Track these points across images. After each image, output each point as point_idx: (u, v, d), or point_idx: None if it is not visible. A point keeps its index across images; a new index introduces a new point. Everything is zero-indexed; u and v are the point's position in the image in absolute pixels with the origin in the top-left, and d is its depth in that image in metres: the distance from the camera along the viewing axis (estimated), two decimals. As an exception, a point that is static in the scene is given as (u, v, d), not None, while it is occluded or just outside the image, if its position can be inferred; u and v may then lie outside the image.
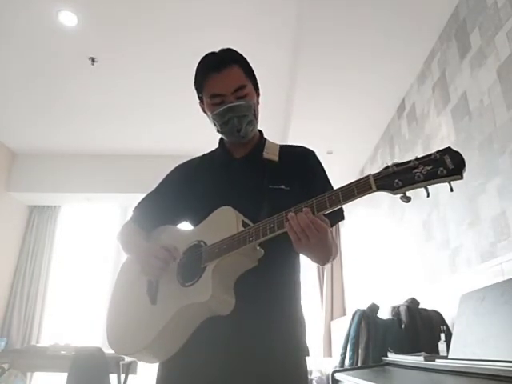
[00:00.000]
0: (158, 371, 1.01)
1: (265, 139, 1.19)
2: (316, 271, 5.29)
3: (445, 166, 0.71)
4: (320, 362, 4.37)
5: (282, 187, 1.05)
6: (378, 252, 3.79)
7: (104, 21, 3.01)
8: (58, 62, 3.42)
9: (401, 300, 2.41)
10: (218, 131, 1.13)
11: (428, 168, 0.73)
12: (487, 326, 1.36)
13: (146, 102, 3.96)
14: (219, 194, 1.06)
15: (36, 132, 4.55)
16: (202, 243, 0.98)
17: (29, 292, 4.77)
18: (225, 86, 1.04)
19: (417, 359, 1.66)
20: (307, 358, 1.01)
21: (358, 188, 0.79)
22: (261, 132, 1.21)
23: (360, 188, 0.78)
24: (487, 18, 2.06)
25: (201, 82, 1.08)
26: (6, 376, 3.70)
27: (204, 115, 1.17)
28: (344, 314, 4.84)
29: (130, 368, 3.68)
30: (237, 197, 1.02)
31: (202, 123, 1.77)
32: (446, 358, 1.50)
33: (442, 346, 1.80)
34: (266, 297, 0.98)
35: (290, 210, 0.86)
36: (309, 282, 5.22)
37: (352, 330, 2.26)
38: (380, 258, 3.73)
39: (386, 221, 3.56)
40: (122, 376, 3.56)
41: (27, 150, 4.90)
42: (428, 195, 0.74)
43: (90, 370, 3.26)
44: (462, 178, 0.71)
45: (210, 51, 1.11)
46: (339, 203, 0.81)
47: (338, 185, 1.06)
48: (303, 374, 0.99)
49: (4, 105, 4.03)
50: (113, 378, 3.40)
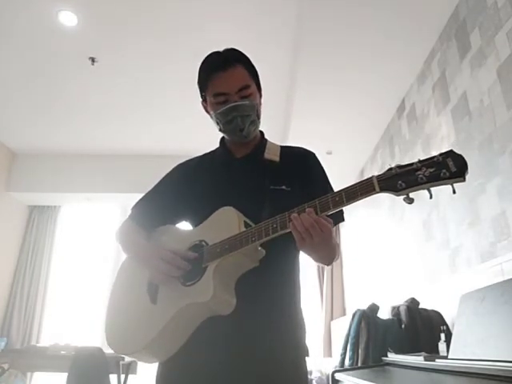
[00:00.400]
0: (158, 371, 1.01)
1: (266, 140, 1.19)
2: (316, 271, 5.29)
3: (447, 169, 0.73)
4: (320, 362, 4.36)
5: (284, 188, 1.05)
6: (378, 252, 3.79)
7: (104, 21, 3.01)
8: (57, 61, 3.42)
9: (401, 300, 2.41)
10: (220, 130, 1.12)
11: (431, 170, 0.74)
12: (487, 326, 1.36)
13: (146, 101, 3.96)
14: (220, 193, 1.05)
15: (36, 132, 4.55)
16: (203, 243, 0.98)
17: (29, 292, 4.77)
18: (229, 84, 1.03)
19: (417, 359, 1.66)
20: (307, 359, 1.01)
21: (361, 189, 0.79)
22: (262, 133, 1.21)
23: (363, 189, 0.79)
24: (487, 18, 2.06)
25: (205, 80, 1.07)
26: (6, 376, 3.70)
27: (204, 115, 1.17)
28: (344, 314, 4.84)
29: (130, 368, 3.68)
30: (238, 197, 1.02)
31: (202, 123, 1.77)
32: (446, 358, 1.50)
33: (441, 346, 1.80)
34: (266, 297, 0.98)
35: (293, 211, 0.86)
36: (309, 282, 5.22)
37: (352, 330, 2.26)
38: (380, 257, 3.73)
39: (386, 221, 3.56)
40: (122, 376, 3.55)
41: (27, 150, 4.90)
42: (431, 197, 0.75)
43: (90, 369, 3.25)
44: (464, 180, 0.72)
45: (211, 51, 1.10)
46: (342, 204, 0.81)
47: (337, 185, 1.06)
48: (303, 374, 0.99)
49: (4, 105, 4.03)
50: (113, 378, 3.40)
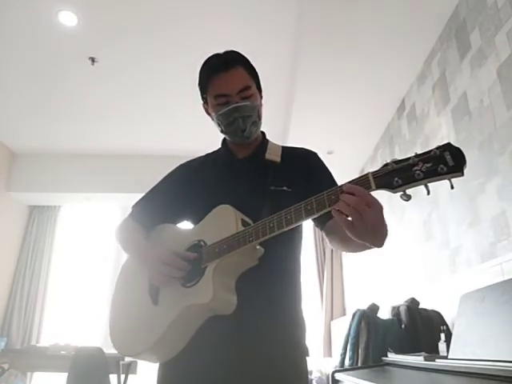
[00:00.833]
0: (159, 371, 1.01)
1: (267, 140, 1.19)
2: (316, 271, 5.28)
3: (445, 163, 0.70)
4: (320, 362, 4.36)
5: (284, 188, 1.05)
6: (378, 252, 3.78)
7: (104, 21, 3.01)
8: (57, 61, 3.42)
9: (401, 300, 2.40)
10: (221, 132, 1.12)
11: (428, 165, 0.71)
12: (487, 326, 1.36)
13: (146, 101, 3.96)
14: (220, 194, 1.05)
15: (36, 132, 4.55)
16: (202, 243, 0.98)
17: (29, 292, 4.77)
18: (230, 86, 1.03)
19: (417, 359, 1.66)
20: (307, 358, 1.01)
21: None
22: (263, 133, 1.21)
23: (359, 186, 0.77)
24: (487, 18, 2.06)
25: (205, 82, 1.08)
26: (5, 376, 3.70)
27: (204, 115, 1.17)
28: (344, 314, 4.84)
29: (130, 368, 3.68)
30: (238, 197, 1.01)
31: (202, 123, 1.77)
32: (446, 358, 1.50)
33: (441, 345, 1.80)
34: (266, 296, 0.98)
35: (290, 209, 0.84)
36: (309, 282, 5.22)
37: (352, 330, 2.26)
38: (380, 257, 3.72)
39: (386, 220, 3.56)
40: (122, 376, 3.56)
41: (27, 150, 4.90)
42: (428, 193, 0.73)
43: (90, 369, 3.26)
44: (462, 174, 0.70)
45: (211, 49, 1.10)
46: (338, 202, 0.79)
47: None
48: (303, 374, 0.99)
49: (4, 105, 4.03)
50: (113, 378, 3.40)
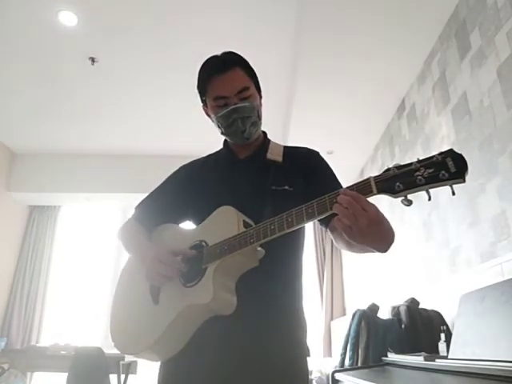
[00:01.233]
0: (160, 370, 1.02)
1: (269, 140, 1.19)
2: (316, 271, 5.28)
3: (447, 169, 0.70)
4: (320, 362, 4.36)
5: (286, 188, 1.05)
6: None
7: (104, 21, 3.01)
8: (57, 61, 3.42)
9: (401, 300, 2.40)
10: (222, 133, 1.13)
11: (430, 171, 0.71)
12: (487, 326, 1.36)
13: (146, 101, 3.96)
14: (222, 194, 1.06)
15: (36, 132, 4.55)
16: (203, 243, 0.98)
17: (29, 292, 4.77)
18: (228, 87, 1.03)
19: (417, 359, 1.66)
20: (308, 359, 1.01)
21: (358, 191, 0.77)
22: (265, 133, 1.21)
23: (360, 191, 0.77)
24: (487, 18, 2.06)
25: (204, 84, 1.08)
26: (5, 376, 3.70)
27: (205, 115, 1.17)
28: (344, 314, 4.84)
29: (130, 368, 3.69)
30: (240, 197, 1.02)
31: (202, 123, 1.77)
32: (446, 358, 1.50)
33: (441, 345, 1.80)
34: (267, 297, 0.98)
35: (291, 212, 0.84)
36: (309, 282, 5.22)
37: (352, 330, 2.26)
38: (380, 257, 3.73)
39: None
40: (122, 376, 3.56)
41: (27, 150, 4.90)
42: (429, 198, 0.73)
43: (90, 369, 3.26)
44: (464, 181, 0.70)
45: (211, 48, 1.10)
46: None
47: (338, 185, 1.06)
48: (304, 373, 0.99)
49: (4, 105, 4.03)
50: (113, 378, 3.40)
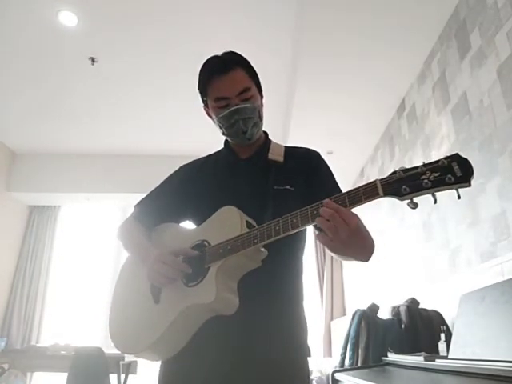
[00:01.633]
0: (160, 369, 1.02)
1: (270, 140, 1.19)
2: (316, 271, 5.28)
3: (452, 173, 0.71)
4: (320, 362, 4.36)
5: (287, 188, 1.05)
6: (378, 252, 3.77)
7: (104, 21, 3.01)
8: (57, 62, 3.42)
9: (401, 300, 2.41)
10: (223, 134, 1.12)
11: (436, 175, 0.72)
12: (487, 326, 1.36)
13: (146, 101, 3.96)
14: (223, 194, 1.06)
15: (36, 132, 4.55)
16: (205, 243, 0.98)
17: (29, 292, 4.77)
18: (229, 88, 1.03)
19: (417, 359, 1.66)
20: (309, 359, 1.01)
21: (364, 193, 0.78)
22: (266, 133, 1.21)
23: (367, 193, 0.77)
24: (487, 18, 2.06)
25: (205, 85, 1.07)
26: (5, 376, 3.70)
27: (205, 115, 1.17)
28: (344, 314, 4.84)
29: (130, 368, 3.69)
30: (241, 197, 1.02)
31: (202, 123, 1.77)
32: (446, 358, 1.50)
33: (441, 345, 1.80)
34: (268, 297, 0.98)
35: (296, 213, 0.84)
36: (309, 282, 5.22)
37: (352, 330, 2.26)
38: (380, 257, 3.73)
39: (387, 221, 3.56)
40: (122, 376, 3.56)
41: (27, 150, 4.90)
42: (435, 202, 0.74)
43: (90, 369, 3.26)
44: (469, 185, 0.71)
45: (211, 48, 1.10)
46: (345, 208, 0.79)
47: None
48: (304, 374, 0.99)
49: (4, 105, 4.03)
50: (113, 378, 3.40)
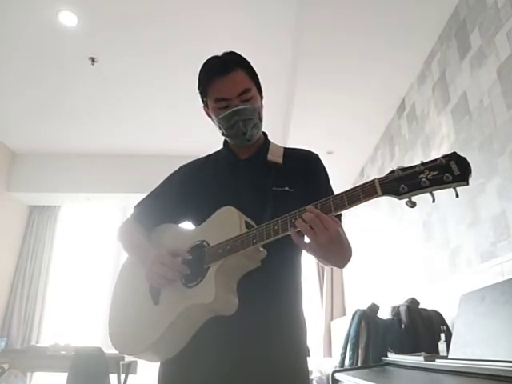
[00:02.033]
0: (160, 370, 1.02)
1: (269, 141, 1.19)
2: (316, 271, 5.29)
3: (450, 172, 0.71)
4: (320, 362, 4.36)
5: (286, 189, 1.05)
6: (378, 252, 3.79)
7: (104, 21, 3.01)
8: (57, 62, 3.42)
9: (401, 300, 2.41)
10: (223, 135, 1.13)
11: (434, 173, 0.73)
12: (487, 326, 1.36)
13: (146, 102, 3.96)
14: (223, 194, 1.06)
15: (36, 132, 4.55)
16: (204, 243, 0.98)
17: (29, 292, 4.77)
18: (230, 89, 1.03)
19: (417, 359, 1.66)
20: (308, 359, 1.01)
21: (363, 192, 0.78)
22: (265, 134, 1.21)
23: (365, 192, 0.78)
24: (487, 18, 2.06)
25: (205, 86, 1.07)
26: (5, 376, 3.70)
27: (204, 115, 1.17)
28: (344, 314, 4.84)
29: (130, 368, 3.68)
30: (240, 198, 1.02)
31: (202, 123, 1.77)
32: (446, 358, 1.50)
33: (441, 345, 1.80)
34: (267, 297, 0.98)
35: (295, 213, 0.85)
36: (309, 282, 5.22)
37: (352, 330, 2.26)
38: (380, 257, 3.73)
39: (386, 221, 3.56)
40: (122, 376, 3.56)
41: (27, 150, 4.90)
42: (433, 200, 0.74)
43: (90, 369, 3.26)
44: (467, 184, 0.71)
45: (210, 49, 1.10)
46: (344, 207, 0.80)
47: (338, 185, 1.06)
48: (304, 374, 0.99)
49: (4, 105, 4.03)
50: (113, 378, 3.40)
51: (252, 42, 3.08)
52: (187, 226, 1.15)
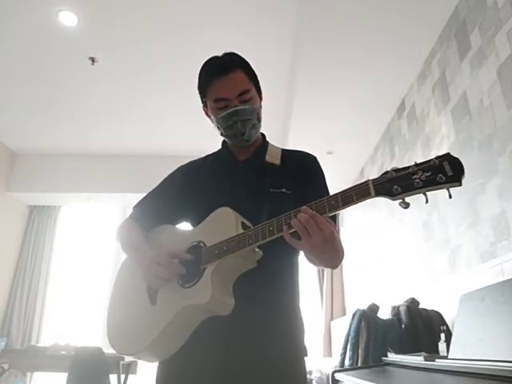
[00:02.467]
0: (158, 370, 1.02)
1: (267, 142, 1.19)
2: (316, 271, 5.29)
3: (444, 173, 0.71)
4: (320, 362, 4.36)
5: (284, 191, 1.05)
6: (378, 252, 3.79)
7: (104, 21, 3.01)
8: (57, 61, 3.42)
9: (401, 300, 2.41)
10: (221, 135, 1.13)
11: (427, 174, 0.73)
12: (487, 326, 1.36)
13: (146, 102, 3.96)
14: (220, 196, 1.06)
15: (36, 132, 4.55)
16: (201, 244, 0.99)
17: (29, 292, 4.77)
18: (229, 90, 1.04)
19: (417, 359, 1.66)
20: (305, 359, 1.02)
21: (357, 193, 0.78)
22: (263, 135, 1.21)
23: (359, 193, 0.78)
24: (487, 18, 2.06)
25: (205, 86, 1.08)
26: (5, 376, 3.70)
27: (204, 116, 1.17)
28: (344, 314, 4.84)
29: (130, 368, 3.68)
30: (238, 199, 1.02)
31: (202, 124, 1.77)
32: (446, 358, 1.50)
33: (441, 345, 1.80)
34: (264, 297, 0.98)
35: (290, 214, 0.85)
36: (309, 282, 5.22)
37: (352, 330, 2.26)
38: (380, 257, 3.73)
39: (386, 221, 3.56)
40: (122, 376, 3.56)
41: (27, 150, 4.90)
42: (427, 201, 0.74)
43: (90, 369, 3.26)
44: (460, 185, 0.71)
45: (211, 51, 1.10)
46: (338, 208, 0.81)
47: (338, 185, 1.06)
48: (301, 374, 1.00)
49: (4, 104, 4.02)
50: (113, 378, 3.40)
51: (253, 42, 3.08)
52: (185, 226, 1.15)
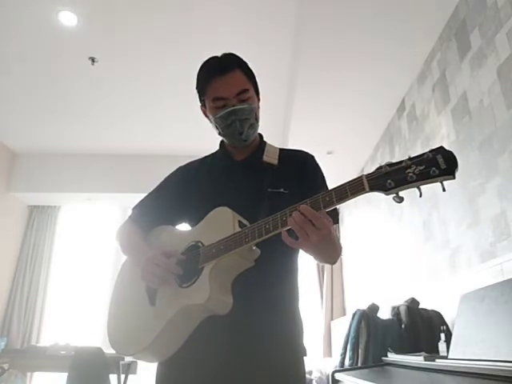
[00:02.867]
0: (158, 370, 1.02)
1: (265, 143, 1.20)
2: (316, 271, 5.29)
3: (437, 166, 0.71)
4: (320, 362, 4.36)
5: (281, 190, 1.06)
6: (378, 252, 3.79)
7: (104, 21, 3.01)
8: (58, 61, 3.42)
9: (401, 300, 2.41)
10: (219, 134, 1.13)
11: (420, 168, 0.72)
12: (487, 326, 1.36)
13: (146, 102, 3.96)
14: (218, 196, 1.06)
15: (36, 132, 4.55)
16: (199, 243, 0.99)
17: (29, 292, 4.77)
18: (228, 89, 1.04)
19: (417, 359, 1.66)
20: (304, 358, 1.02)
21: (351, 189, 0.78)
22: (261, 135, 1.21)
23: (353, 189, 0.78)
24: (487, 18, 2.06)
25: (203, 85, 1.08)
26: (5, 376, 3.70)
27: (203, 116, 1.17)
28: (344, 314, 4.84)
29: (130, 368, 3.69)
30: (236, 199, 1.02)
31: (202, 124, 1.77)
32: (446, 358, 1.50)
33: (441, 346, 1.80)
34: (262, 296, 0.98)
35: (285, 211, 0.85)
36: (309, 281, 5.22)
37: (352, 330, 2.26)
38: (380, 257, 3.73)
39: (386, 221, 3.56)
40: (122, 376, 3.56)
41: (27, 150, 4.91)
42: (420, 195, 0.74)
43: (90, 370, 3.26)
44: (454, 177, 0.71)
45: (210, 51, 1.11)
46: (333, 204, 0.80)
47: (338, 185, 1.06)
48: (300, 373, 1.00)
49: (4, 105, 4.03)
50: (113, 378, 3.40)
51: (253, 42, 3.08)
52: (184, 227, 1.15)
